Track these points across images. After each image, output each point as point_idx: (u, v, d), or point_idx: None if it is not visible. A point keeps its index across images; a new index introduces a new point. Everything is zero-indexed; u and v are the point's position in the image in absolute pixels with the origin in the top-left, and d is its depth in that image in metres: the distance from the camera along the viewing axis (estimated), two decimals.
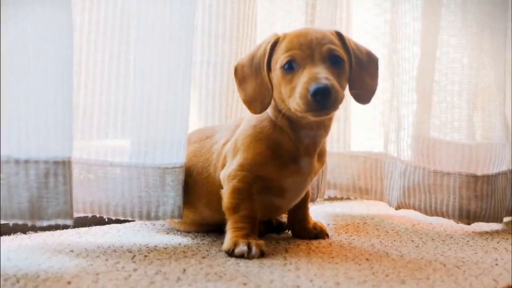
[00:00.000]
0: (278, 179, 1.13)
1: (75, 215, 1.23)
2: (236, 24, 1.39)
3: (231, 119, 1.41)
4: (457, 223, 1.41)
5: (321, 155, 1.19)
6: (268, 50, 1.10)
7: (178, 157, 1.17)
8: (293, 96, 1.04)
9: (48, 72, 1.01)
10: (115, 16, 1.17)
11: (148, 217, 1.17)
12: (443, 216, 1.41)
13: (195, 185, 1.20)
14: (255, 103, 1.11)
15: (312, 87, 1.00)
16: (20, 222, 1.00)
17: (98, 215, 1.18)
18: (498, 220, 1.42)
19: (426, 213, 1.43)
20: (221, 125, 1.28)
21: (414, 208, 1.45)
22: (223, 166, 1.15)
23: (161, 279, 0.92)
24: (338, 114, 1.61)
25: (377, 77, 1.16)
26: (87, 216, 1.28)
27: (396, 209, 1.48)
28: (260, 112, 1.11)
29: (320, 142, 1.15)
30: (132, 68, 1.16)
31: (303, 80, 1.02)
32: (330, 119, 1.14)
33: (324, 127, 1.14)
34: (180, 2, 1.15)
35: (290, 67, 1.06)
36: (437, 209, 1.41)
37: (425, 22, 1.45)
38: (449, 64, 1.44)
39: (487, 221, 1.40)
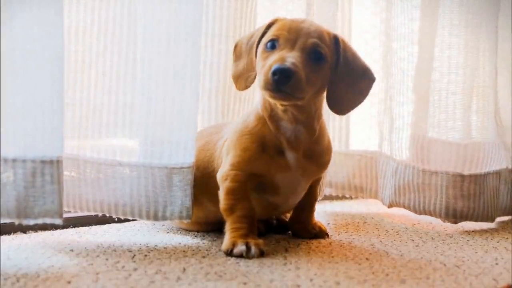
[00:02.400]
0: (268, 174, 1.12)
1: (84, 213, 1.25)
2: (232, 24, 1.39)
3: (227, 119, 1.41)
4: (444, 222, 1.42)
5: (317, 157, 1.16)
6: (263, 30, 1.12)
7: (186, 157, 1.17)
8: (261, 73, 1.05)
9: (37, 72, 1.01)
10: (123, 16, 1.17)
11: (156, 217, 1.17)
12: (430, 214, 1.42)
13: (201, 179, 1.20)
14: (241, 79, 1.14)
15: (274, 66, 1.01)
16: (7, 220, 1.01)
17: (107, 215, 1.18)
18: (489, 219, 1.42)
19: (415, 211, 1.44)
20: (231, 122, 1.28)
21: (404, 207, 1.46)
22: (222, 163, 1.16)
23: (161, 278, 0.92)
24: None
25: (365, 96, 1.15)
26: (87, 215, 1.28)
27: (388, 207, 1.49)
28: (243, 89, 1.15)
29: (302, 138, 1.12)
30: (140, 68, 1.17)
31: (272, 59, 1.03)
32: (310, 118, 1.12)
33: (302, 123, 1.12)
34: (187, 2, 1.15)
35: (272, 46, 1.07)
36: (425, 208, 1.42)
37: (423, 21, 1.45)
38: (445, 63, 1.44)
39: (476, 221, 1.41)
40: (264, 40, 1.09)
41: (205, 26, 1.37)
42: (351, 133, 1.65)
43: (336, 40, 1.11)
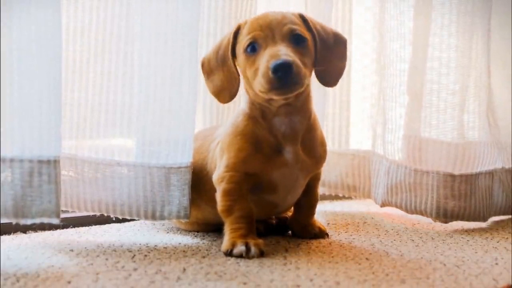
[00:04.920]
0: (265, 173, 1.12)
1: (84, 213, 1.25)
2: (227, 24, 1.39)
3: (221, 118, 1.41)
4: (435, 221, 1.43)
5: (312, 149, 1.15)
6: (231, 38, 1.11)
7: (184, 156, 1.17)
8: (256, 77, 1.04)
9: (35, 72, 1.01)
10: (121, 16, 1.17)
11: (154, 217, 1.17)
12: (421, 214, 1.42)
13: (198, 182, 1.20)
14: (223, 92, 1.13)
15: (272, 63, 1.00)
16: (5, 220, 1.01)
17: (105, 214, 1.18)
18: (481, 219, 1.43)
19: (406, 211, 1.44)
20: (222, 125, 1.28)
21: (396, 206, 1.46)
22: (216, 166, 1.16)
23: (161, 278, 0.92)
24: (334, 112, 1.61)
25: (345, 59, 1.17)
26: (87, 215, 1.29)
27: (381, 206, 1.50)
28: (228, 101, 1.14)
29: (299, 128, 1.13)
30: (138, 68, 1.17)
31: (264, 60, 1.03)
32: (304, 103, 1.13)
33: (298, 112, 1.12)
34: (184, 2, 1.15)
35: (253, 49, 1.07)
36: (417, 208, 1.42)
37: (417, 22, 1.46)
38: (437, 64, 1.45)
39: (468, 220, 1.41)
40: (242, 47, 1.08)
41: (200, 26, 1.37)
42: (346, 133, 1.65)
43: (302, 18, 1.12)
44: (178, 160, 1.17)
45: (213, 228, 1.26)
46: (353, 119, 1.66)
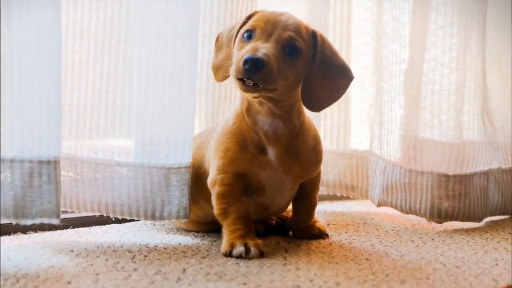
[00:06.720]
0: (252, 172, 1.12)
1: (84, 214, 1.26)
2: (222, 24, 1.39)
3: (218, 118, 1.41)
4: (429, 222, 1.43)
5: (300, 155, 1.14)
6: (242, 21, 1.11)
7: (183, 157, 1.18)
8: (235, 63, 1.04)
9: (35, 72, 1.01)
10: (120, 16, 1.17)
11: (153, 217, 1.18)
12: (416, 214, 1.43)
13: (197, 179, 1.20)
14: (219, 70, 1.14)
15: (247, 55, 1.00)
16: (5, 221, 1.01)
17: (105, 214, 1.18)
18: (476, 219, 1.44)
19: (401, 211, 1.45)
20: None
21: (392, 206, 1.47)
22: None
23: (161, 279, 0.92)
24: (333, 111, 1.61)
25: (342, 93, 1.14)
26: (87, 216, 1.28)
27: (377, 206, 1.50)
28: (221, 80, 1.15)
29: (282, 134, 1.11)
30: (137, 68, 1.17)
31: (246, 49, 1.03)
32: (288, 113, 1.11)
33: (281, 119, 1.10)
34: (184, 2, 1.15)
35: (249, 37, 1.07)
36: (411, 208, 1.43)
37: (414, 24, 1.46)
38: (433, 65, 1.45)
39: (462, 220, 1.42)
40: (242, 30, 1.09)
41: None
42: (345, 133, 1.65)
43: (314, 35, 1.10)
44: (178, 160, 1.17)
45: (213, 228, 1.26)
46: (353, 119, 1.66)
